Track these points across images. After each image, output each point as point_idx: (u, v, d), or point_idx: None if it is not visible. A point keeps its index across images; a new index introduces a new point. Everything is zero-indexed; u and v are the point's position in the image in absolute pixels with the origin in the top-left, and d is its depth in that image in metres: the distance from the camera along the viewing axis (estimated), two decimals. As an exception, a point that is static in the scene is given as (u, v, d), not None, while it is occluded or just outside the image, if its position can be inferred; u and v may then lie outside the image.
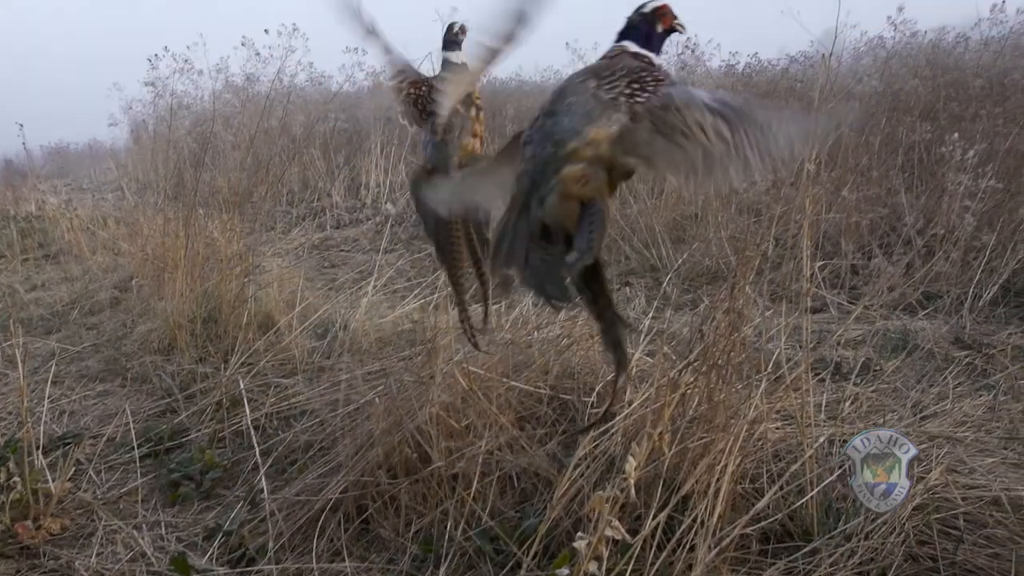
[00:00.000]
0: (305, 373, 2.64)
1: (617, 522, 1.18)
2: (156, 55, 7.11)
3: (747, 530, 1.48)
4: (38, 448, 2.02)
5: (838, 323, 2.92)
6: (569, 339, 2.14)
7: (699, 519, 1.41)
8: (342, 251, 5.09)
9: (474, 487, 1.66)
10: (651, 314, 2.54)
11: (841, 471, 1.63)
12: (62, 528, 1.87)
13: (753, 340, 1.88)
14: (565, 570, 1.24)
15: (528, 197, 1.30)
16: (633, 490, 1.19)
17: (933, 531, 1.54)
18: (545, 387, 1.98)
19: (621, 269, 3.90)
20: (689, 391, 1.63)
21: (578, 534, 1.20)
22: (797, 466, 1.60)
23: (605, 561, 1.19)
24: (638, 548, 1.35)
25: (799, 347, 1.87)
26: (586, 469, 1.58)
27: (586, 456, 1.58)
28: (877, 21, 5.92)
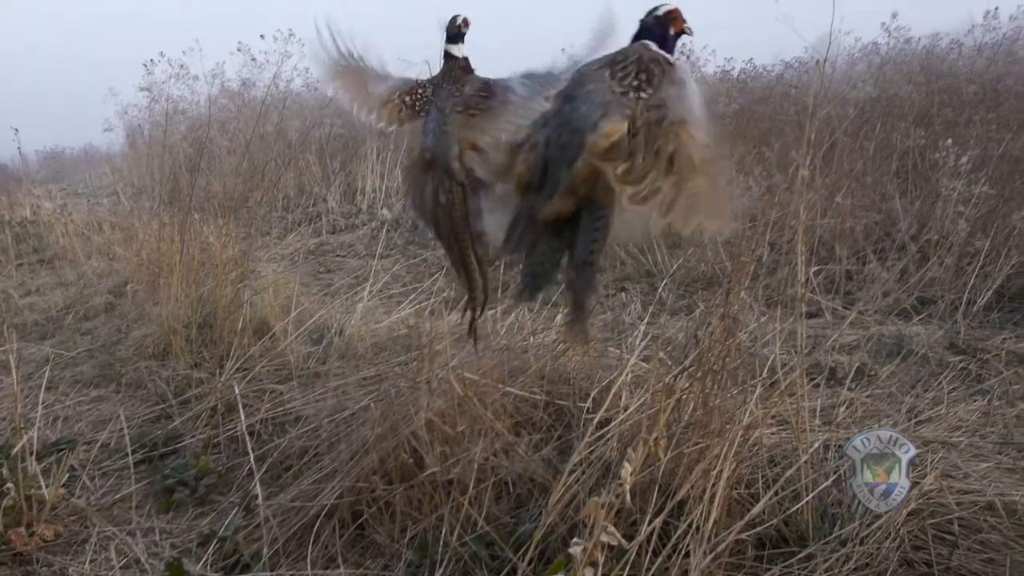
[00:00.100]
0: (300, 379, 2.63)
1: (612, 528, 1.18)
2: (152, 60, 7.12)
3: (743, 535, 1.48)
4: (32, 454, 2.01)
5: (833, 328, 2.93)
6: (564, 345, 2.14)
7: (695, 524, 1.41)
8: (338, 256, 5.09)
9: (469, 493, 1.65)
10: (647, 319, 2.54)
11: (836, 476, 1.64)
12: (55, 535, 1.86)
13: (748, 345, 1.89)
14: (561, 576, 1.24)
15: (542, 184, 1.30)
16: (628, 495, 1.19)
17: (928, 536, 1.54)
18: (540, 393, 1.98)
19: (617, 275, 3.90)
20: (684, 396, 1.63)
21: (573, 540, 1.20)
22: (792, 471, 1.60)
23: (601, 567, 1.19)
24: (634, 553, 1.35)
25: (794, 352, 1.87)
26: (581, 474, 1.58)
27: (581, 461, 1.57)
28: (871, 27, 5.94)
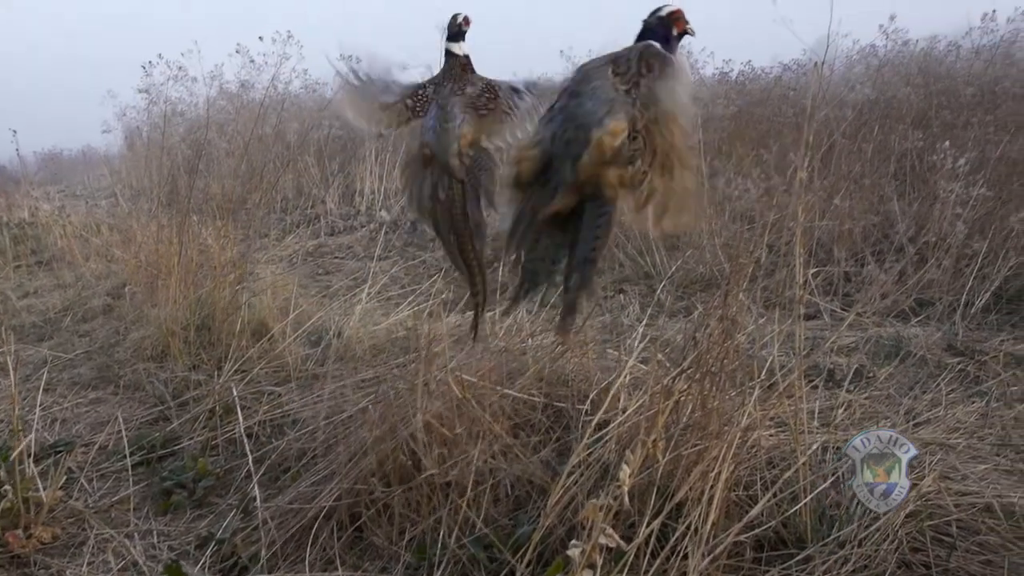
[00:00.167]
0: (299, 381, 2.63)
1: (611, 530, 1.18)
2: (150, 62, 7.10)
3: (741, 537, 1.48)
4: (29, 456, 2.01)
5: (831, 330, 2.93)
6: (563, 347, 2.14)
7: (693, 526, 1.41)
8: (336, 258, 5.09)
9: (468, 495, 1.65)
10: (645, 321, 2.54)
11: (835, 478, 1.64)
12: (53, 537, 1.86)
13: (747, 347, 1.89)
14: (559, 578, 1.24)
15: (547, 179, 1.31)
16: (627, 498, 1.19)
17: (926, 538, 1.54)
18: (539, 395, 1.98)
19: (615, 276, 3.91)
20: (683, 398, 1.63)
21: (572, 542, 1.20)
22: (790, 473, 1.60)
23: (599, 569, 1.19)
24: (632, 556, 1.35)
25: (792, 354, 1.87)
26: (580, 476, 1.58)
27: (580, 463, 1.57)
28: (869, 30, 5.94)
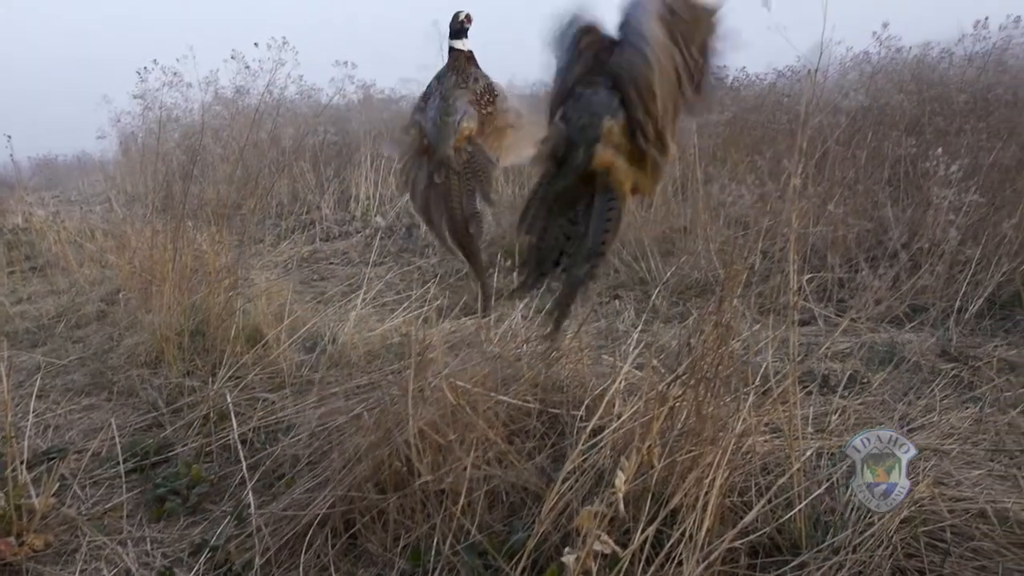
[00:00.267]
0: (293, 387, 2.63)
1: (605, 536, 1.18)
2: (145, 68, 7.11)
3: (735, 544, 1.48)
4: (22, 463, 2.00)
5: (825, 336, 2.94)
6: (558, 352, 2.14)
7: (687, 533, 1.41)
8: (331, 264, 5.08)
9: (462, 501, 1.65)
10: (640, 327, 2.54)
11: (829, 484, 1.64)
12: (45, 544, 1.85)
13: (741, 353, 1.89)
14: (553, 585, 1.24)
15: (559, 166, 1.32)
16: (622, 504, 1.19)
17: (920, 544, 1.54)
18: (534, 401, 1.98)
19: (610, 282, 3.91)
20: (678, 404, 1.64)
21: (566, 549, 1.20)
22: (785, 479, 1.61)
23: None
24: (627, 562, 1.35)
25: (787, 360, 1.88)
26: (575, 483, 1.58)
27: (575, 470, 1.57)
28: (862, 37, 5.97)
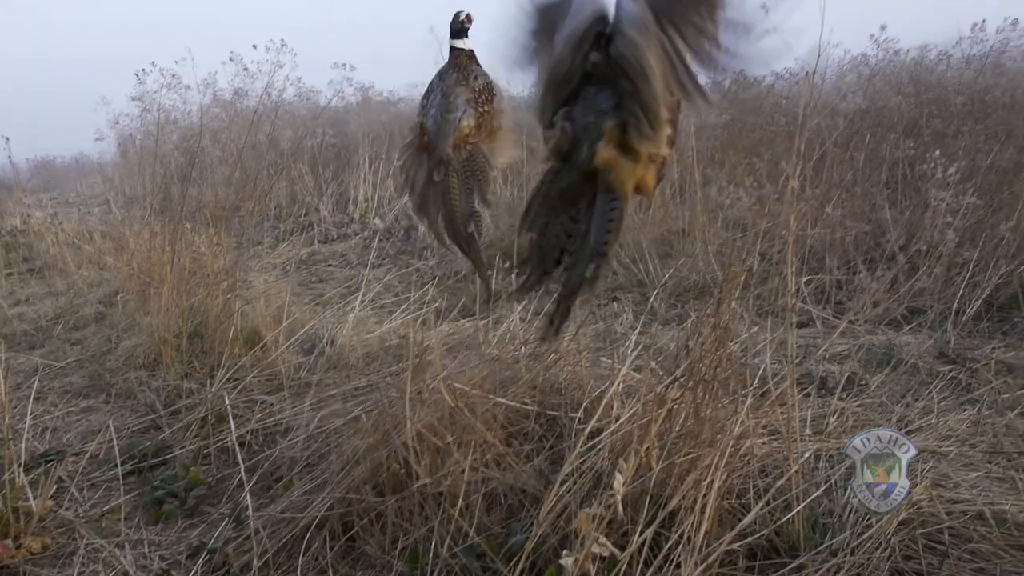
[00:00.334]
0: (291, 389, 2.62)
1: (604, 538, 1.18)
2: (143, 70, 7.10)
3: (734, 546, 1.48)
4: (20, 465, 2.00)
5: (823, 338, 2.94)
6: (556, 355, 2.14)
7: (686, 535, 1.41)
8: (329, 266, 5.08)
9: (460, 503, 1.65)
10: (638, 329, 2.55)
11: (827, 486, 1.64)
12: (43, 547, 1.84)
13: (739, 355, 1.89)
14: (552, 587, 1.24)
15: (563, 163, 1.33)
16: (620, 506, 1.19)
17: (919, 546, 1.55)
18: (532, 403, 1.98)
19: (609, 284, 3.91)
20: (676, 406, 1.64)
21: (564, 551, 1.20)
22: (783, 481, 1.61)
23: (592, 578, 1.18)
24: (625, 564, 1.35)
25: (785, 362, 1.88)
26: (573, 485, 1.58)
27: (573, 472, 1.57)
28: (860, 39, 5.99)
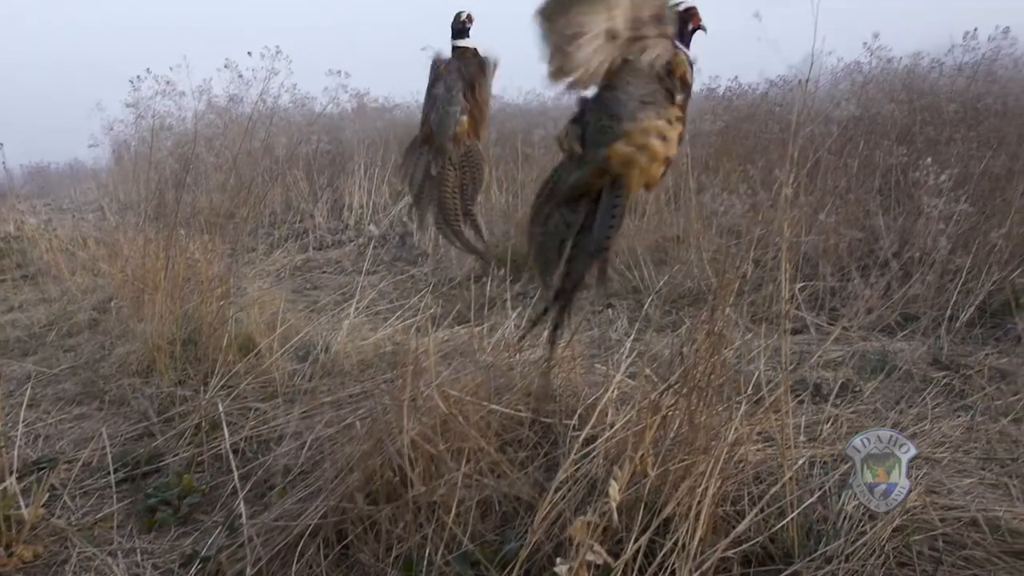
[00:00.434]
0: (285, 396, 2.62)
1: (598, 546, 1.18)
2: (138, 76, 7.09)
3: (728, 553, 1.48)
4: (11, 473, 1.99)
5: (817, 344, 2.94)
6: (551, 361, 2.14)
7: (680, 542, 1.41)
8: (324, 272, 5.08)
9: (454, 511, 1.64)
10: (633, 336, 2.55)
11: (822, 492, 1.64)
12: (35, 555, 1.83)
13: (734, 362, 1.90)
14: (546, 595, 1.23)
15: (571, 160, 1.36)
16: (615, 514, 1.19)
17: (913, 552, 1.55)
18: (526, 410, 1.97)
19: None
20: (670, 413, 1.64)
21: (558, 559, 1.20)
22: (777, 488, 1.61)
23: (586, 586, 1.18)
24: (619, 572, 1.34)
25: (779, 368, 1.88)
26: (567, 492, 1.57)
27: (567, 479, 1.57)
28: (854, 47, 6.02)
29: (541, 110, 7.49)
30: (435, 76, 2.00)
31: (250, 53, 6.31)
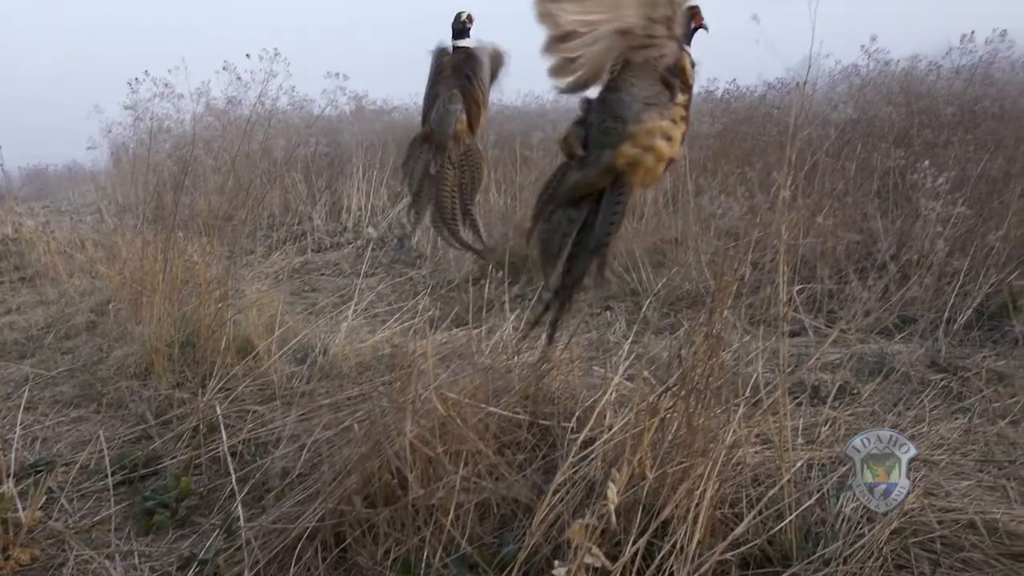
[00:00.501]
0: (284, 398, 2.61)
1: (596, 549, 1.18)
2: (136, 79, 7.10)
3: (726, 556, 1.48)
4: (9, 476, 1.99)
5: (815, 347, 2.95)
6: (549, 364, 2.14)
7: (678, 545, 1.41)
8: (322, 275, 5.08)
9: (452, 514, 1.64)
10: (631, 338, 2.55)
11: (820, 495, 1.64)
12: (32, 559, 1.83)
13: (732, 364, 1.90)
14: (544, 598, 1.23)
15: (574, 159, 1.37)
16: (613, 516, 1.19)
17: (911, 555, 1.55)
18: (524, 413, 1.97)
19: (601, 293, 3.92)
20: (668, 416, 1.64)
21: (556, 562, 1.19)
22: (775, 490, 1.61)
23: (584, 588, 1.18)
24: (617, 575, 1.34)
25: (777, 371, 1.89)
26: (566, 495, 1.57)
27: (565, 482, 1.57)
28: (851, 50, 6.04)
29: (540, 112, 7.51)
30: (437, 69, 2.00)
31: (248, 55, 6.32)
